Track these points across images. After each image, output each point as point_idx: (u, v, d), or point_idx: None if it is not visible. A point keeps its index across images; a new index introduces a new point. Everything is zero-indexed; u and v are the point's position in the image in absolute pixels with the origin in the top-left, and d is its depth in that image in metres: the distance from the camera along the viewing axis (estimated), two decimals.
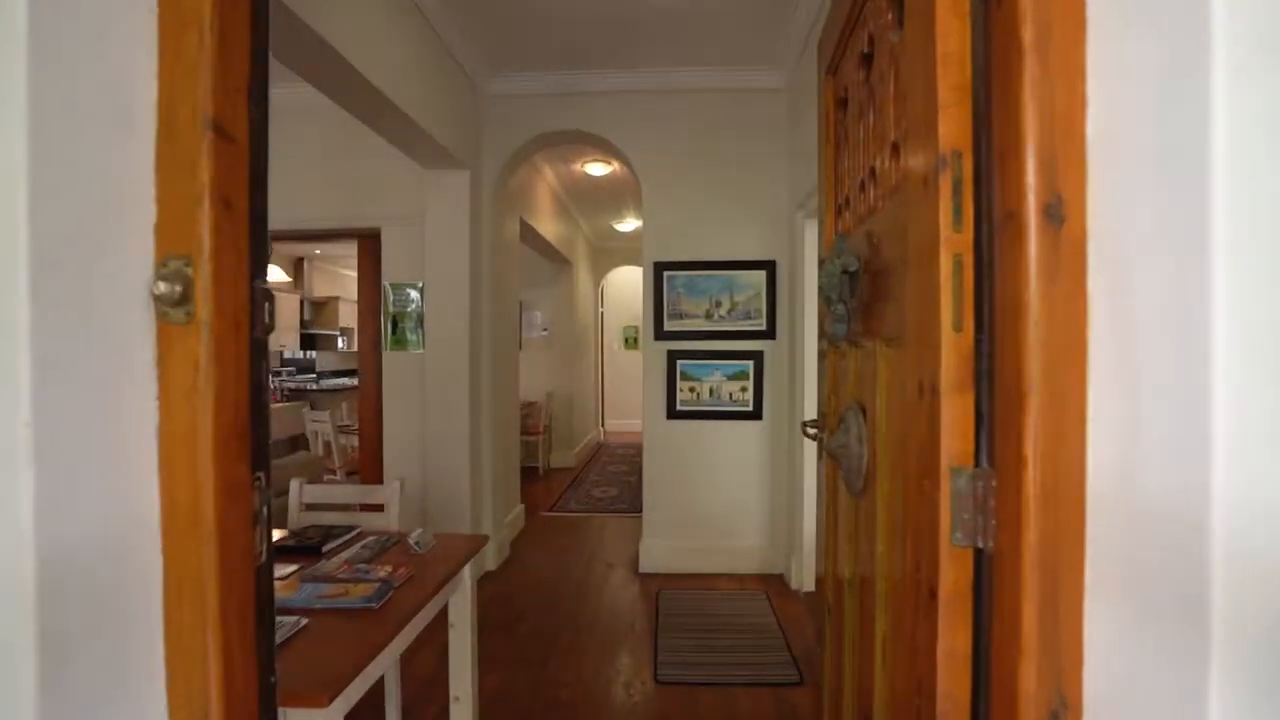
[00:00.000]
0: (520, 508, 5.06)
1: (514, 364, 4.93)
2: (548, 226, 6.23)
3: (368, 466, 4.32)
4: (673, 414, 4.00)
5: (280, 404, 7.16)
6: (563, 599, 3.64)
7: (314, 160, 4.14)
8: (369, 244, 4.19)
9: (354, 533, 2.15)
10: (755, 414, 3.97)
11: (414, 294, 4.01)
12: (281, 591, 1.63)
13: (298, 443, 6.46)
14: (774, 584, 3.82)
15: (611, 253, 9.62)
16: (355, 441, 5.36)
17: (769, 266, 3.93)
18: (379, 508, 2.24)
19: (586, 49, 3.68)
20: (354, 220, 4.08)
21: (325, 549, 1.98)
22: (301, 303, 10.44)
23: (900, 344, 1.02)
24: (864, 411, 1.30)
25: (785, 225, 3.92)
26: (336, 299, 10.76)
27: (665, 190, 4.01)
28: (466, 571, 2.02)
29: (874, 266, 1.23)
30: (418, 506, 4.09)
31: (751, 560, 3.99)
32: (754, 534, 4.01)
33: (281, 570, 1.81)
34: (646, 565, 4.03)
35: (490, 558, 4.12)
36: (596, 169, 5.74)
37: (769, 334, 3.94)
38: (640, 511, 5.53)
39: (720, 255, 3.97)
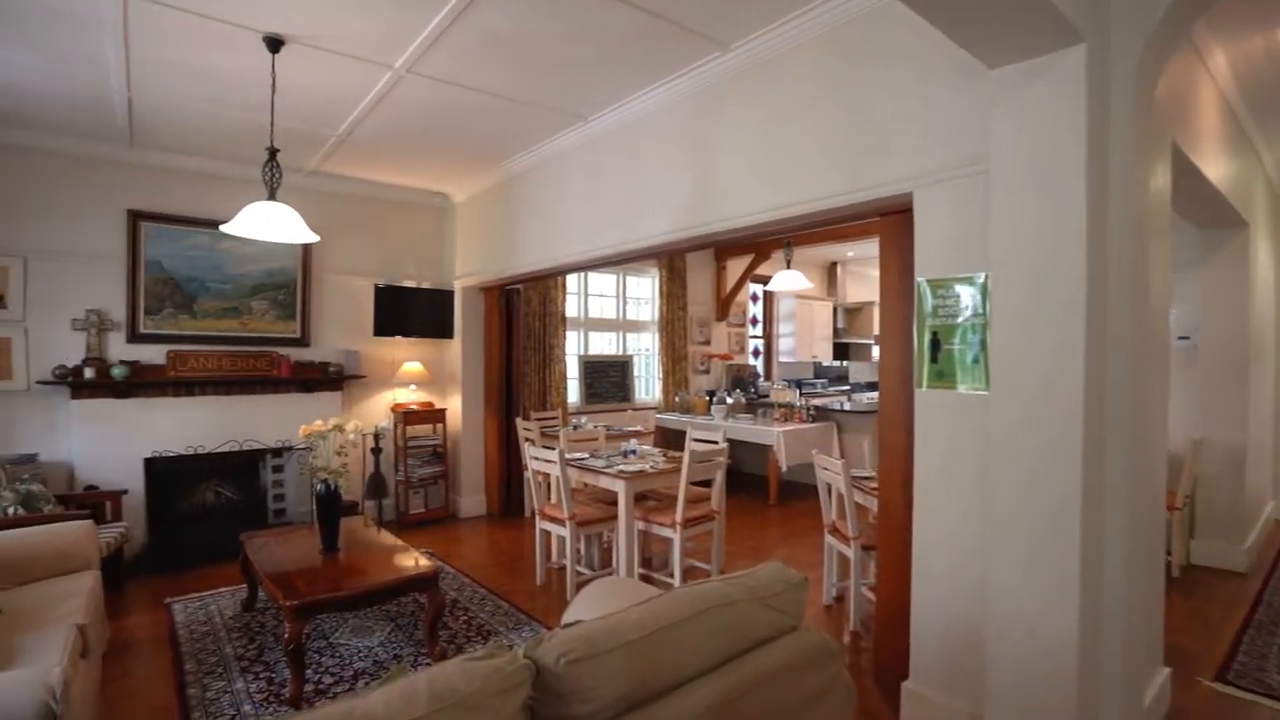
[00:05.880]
0: (1165, 674, 2.76)
1: (1161, 409, 2.68)
2: (1210, 162, 3.55)
3: (887, 550, 2.87)
4: None
5: (804, 425, 6.41)
6: None
7: (804, 113, 2.92)
8: (893, 223, 2.73)
9: None
10: None
11: (970, 295, 2.37)
12: None
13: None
14: None
15: None
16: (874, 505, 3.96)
17: None
18: None
19: None
20: (866, 190, 2.68)
21: None
22: (835, 310, 9.78)
23: None
24: None
25: None
26: (871, 304, 9.71)
27: None
28: None
29: None
30: (961, 676, 2.40)
31: None
32: None
33: None
34: None
35: None
36: None
37: None
38: None
39: None
